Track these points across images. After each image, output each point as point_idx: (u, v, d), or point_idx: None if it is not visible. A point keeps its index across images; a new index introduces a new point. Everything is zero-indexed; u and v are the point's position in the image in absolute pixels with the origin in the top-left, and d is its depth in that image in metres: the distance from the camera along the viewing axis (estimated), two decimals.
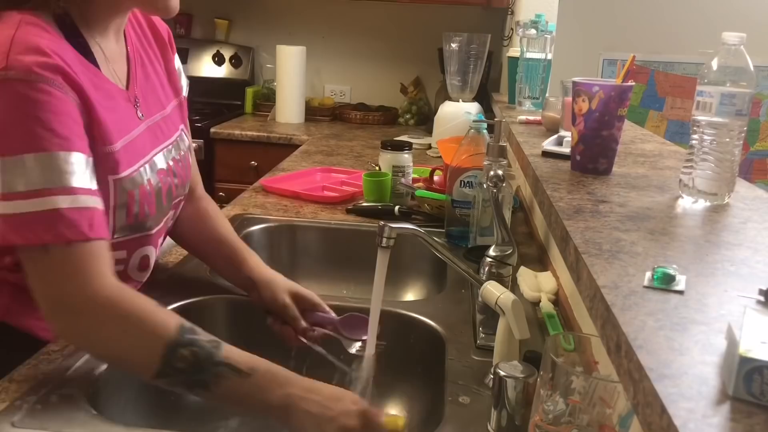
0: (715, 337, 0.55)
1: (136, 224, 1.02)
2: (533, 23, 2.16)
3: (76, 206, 0.85)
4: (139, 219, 1.02)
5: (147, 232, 1.05)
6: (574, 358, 0.73)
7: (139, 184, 1.01)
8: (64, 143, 0.86)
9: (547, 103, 1.70)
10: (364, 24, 3.40)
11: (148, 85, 1.11)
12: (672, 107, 3.35)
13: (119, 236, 1.00)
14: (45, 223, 0.83)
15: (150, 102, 1.10)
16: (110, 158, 0.95)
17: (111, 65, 1.02)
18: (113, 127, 0.96)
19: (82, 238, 0.85)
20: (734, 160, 0.94)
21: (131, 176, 0.99)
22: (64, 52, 0.90)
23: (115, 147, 0.96)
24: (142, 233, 1.04)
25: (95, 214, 0.88)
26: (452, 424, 0.87)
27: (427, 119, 3.20)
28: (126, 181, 0.98)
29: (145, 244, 1.07)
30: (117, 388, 0.98)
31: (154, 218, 1.05)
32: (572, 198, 0.96)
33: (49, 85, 0.85)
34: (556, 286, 1.25)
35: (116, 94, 1.01)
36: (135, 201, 1.00)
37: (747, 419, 0.45)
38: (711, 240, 0.81)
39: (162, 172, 1.08)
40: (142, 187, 1.01)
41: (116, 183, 0.96)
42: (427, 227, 1.53)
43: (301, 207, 1.78)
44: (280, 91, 3.18)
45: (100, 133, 0.93)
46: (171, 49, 1.19)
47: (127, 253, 1.04)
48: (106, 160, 0.94)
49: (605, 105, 1.07)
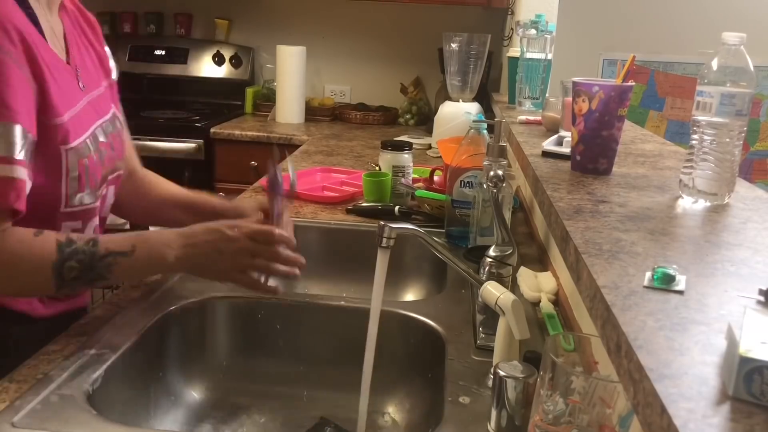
0: (715, 337, 0.55)
1: (89, 192, 1.07)
2: (533, 23, 2.15)
3: (10, 176, 0.91)
4: (90, 187, 1.07)
5: (93, 203, 1.10)
6: (574, 358, 0.73)
7: (86, 154, 1.06)
8: (9, 114, 0.91)
9: (547, 103, 1.70)
10: (364, 24, 3.40)
11: (83, 62, 1.15)
12: (672, 107, 3.35)
13: (74, 207, 1.06)
14: None
15: (88, 77, 1.14)
16: (60, 129, 1.00)
17: (54, 39, 1.07)
18: (60, 99, 1.01)
19: (6, 207, 0.92)
20: (734, 160, 0.94)
21: (80, 146, 1.04)
22: (22, 22, 0.96)
23: (63, 119, 1.01)
24: (91, 203, 1.09)
25: (22, 186, 0.93)
26: (452, 424, 0.87)
27: (427, 119, 3.20)
28: (77, 150, 1.03)
29: (93, 216, 1.12)
30: (117, 388, 0.98)
31: (99, 186, 1.11)
32: (572, 198, 0.96)
33: (8, 56, 0.91)
34: (556, 286, 1.25)
35: (61, 67, 1.05)
36: (85, 170, 1.05)
37: (747, 419, 0.45)
38: (711, 240, 0.81)
39: (103, 144, 1.12)
40: (90, 156, 1.06)
41: (68, 153, 1.02)
42: (427, 227, 1.53)
43: (301, 207, 1.78)
44: (280, 91, 3.18)
45: (50, 105, 0.98)
46: (100, 35, 1.25)
47: (81, 223, 1.09)
48: (56, 131, 1.00)
49: (605, 105, 1.07)
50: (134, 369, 1.03)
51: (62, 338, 1.01)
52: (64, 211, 1.04)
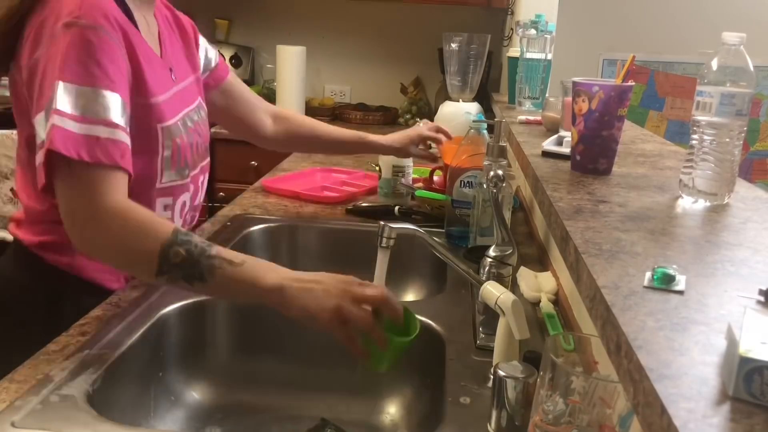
0: (715, 337, 0.55)
1: (178, 170, 1.18)
2: (533, 23, 2.15)
3: (112, 138, 0.99)
4: (181, 165, 1.18)
5: (183, 181, 1.21)
6: (574, 358, 0.73)
7: (180, 134, 1.17)
8: (112, 85, 1.01)
9: (547, 103, 1.70)
10: (364, 24, 3.40)
11: (174, 56, 1.27)
12: (672, 107, 3.35)
13: (167, 182, 1.17)
14: (86, 144, 0.97)
15: (179, 70, 1.27)
16: (155, 108, 1.12)
17: (149, 36, 1.18)
18: (154, 82, 1.12)
19: (111, 163, 0.98)
20: (734, 160, 0.94)
21: (175, 125, 1.16)
22: (120, 17, 1.07)
23: (158, 99, 1.13)
24: (179, 181, 1.19)
25: (126, 148, 1.01)
26: (452, 425, 0.87)
27: (427, 119, 3.20)
28: (171, 128, 1.15)
29: (183, 192, 1.22)
30: (117, 388, 0.98)
31: (187, 168, 1.21)
32: (572, 198, 0.96)
33: (109, 36, 1.02)
34: (556, 286, 1.25)
35: (154, 58, 1.17)
36: (178, 148, 1.16)
37: (747, 419, 0.45)
38: (711, 240, 0.81)
39: (191, 129, 1.23)
40: (181, 136, 1.18)
41: (163, 131, 1.14)
42: (427, 227, 1.53)
43: (301, 207, 1.78)
44: (280, 91, 3.18)
45: (145, 87, 1.10)
46: (195, 34, 1.38)
47: (173, 199, 1.20)
48: (151, 110, 1.11)
49: (605, 105, 1.07)
50: (134, 369, 1.03)
51: (62, 338, 1.01)
52: (158, 186, 1.15)
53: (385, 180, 1.84)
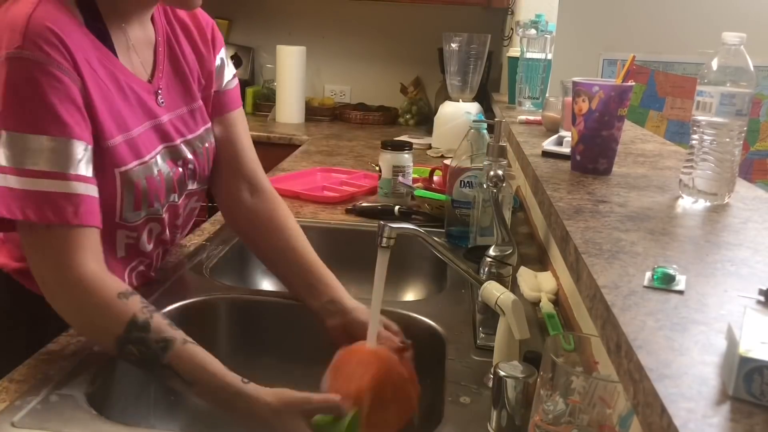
0: (715, 337, 0.55)
1: (144, 210, 1.05)
2: (533, 23, 2.15)
3: (65, 191, 0.89)
4: (147, 206, 1.05)
5: (155, 215, 1.08)
6: (574, 358, 0.73)
7: (147, 175, 1.03)
8: (65, 129, 0.89)
9: (547, 103, 1.70)
10: (364, 24, 3.40)
11: (176, 76, 1.11)
12: (672, 107, 3.35)
13: (130, 220, 1.04)
14: (33, 203, 0.87)
15: (176, 93, 1.11)
16: (110, 152, 0.97)
17: (133, 54, 1.04)
18: (116, 120, 0.98)
19: (64, 222, 0.88)
20: (734, 160, 0.94)
21: (137, 168, 1.01)
22: (78, 37, 0.92)
23: (115, 141, 0.97)
24: (150, 216, 1.07)
25: (84, 200, 0.91)
26: (452, 424, 0.87)
27: (427, 119, 3.20)
28: (131, 173, 1.00)
29: (147, 225, 1.08)
30: (117, 388, 0.98)
31: (162, 204, 1.08)
32: (572, 198, 0.96)
33: (59, 69, 0.89)
34: (556, 286, 1.25)
35: (132, 84, 1.02)
36: (142, 191, 1.02)
37: (747, 419, 0.45)
38: (711, 240, 0.81)
39: (177, 162, 1.10)
40: (150, 178, 1.03)
41: (122, 175, 0.99)
42: (427, 227, 1.53)
43: (301, 207, 1.78)
44: (280, 91, 3.18)
45: (98, 128, 0.95)
46: (213, 44, 1.18)
47: (137, 233, 1.07)
48: (106, 153, 0.96)
49: (605, 105, 1.07)
50: (134, 369, 1.02)
51: (62, 338, 1.01)
52: (119, 222, 1.02)
53: (385, 180, 1.84)
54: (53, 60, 0.88)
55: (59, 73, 0.89)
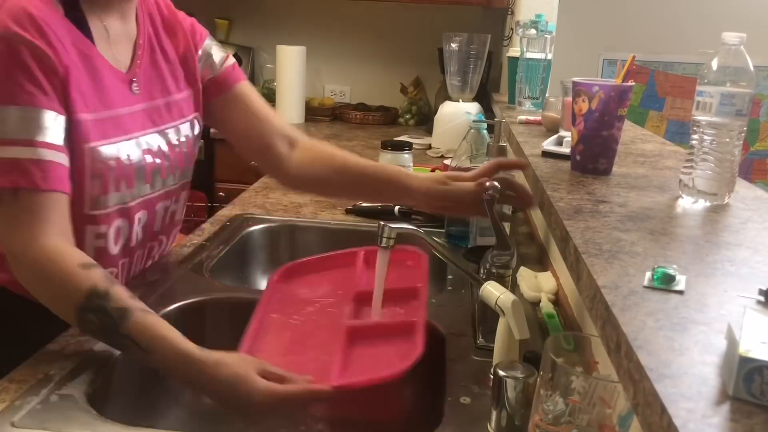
0: (715, 337, 0.55)
1: (112, 197, 1.05)
2: (533, 23, 2.15)
3: (33, 158, 0.92)
4: (115, 189, 1.06)
5: (124, 207, 1.09)
6: (574, 358, 0.73)
7: (116, 157, 1.04)
8: (33, 99, 0.93)
9: (547, 103, 1.70)
10: (364, 24, 3.40)
11: (154, 70, 1.14)
12: (672, 107, 3.35)
13: (97, 210, 1.04)
14: (2, 170, 0.91)
15: (152, 85, 1.13)
16: (78, 126, 0.99)
17: (112, 46, 1.07)
18: (90, 98, 1.00)
19: (33, 187, 0.91)
20: (734, 160, 0.94)
21: (105, 147, 1.03)
22: (53, 20, 0.96)
23: (86, 116, 1.00)
24: (117, 205, 1.07)
25: (53, 166, 0.93)
26: (452, 424, 0.87)
27: (427, 119, 3.20)
28: (100, 150, 1.02)
29: (115, 220, 1.08)
30: (117, 388, 0.98)
31: (130, 193, 1.09)
32: (572, 198, 0.96)
33: (29, 46, 0.93)
34: (556, 286, 1.25)
35: (105, 71, 1.04)
36: (111, 171, 1.04)
37: (747, 419, 0.45)
38: (711, 240, 0.81)
39: (150, 151, 1.11)
40: (118, 160, 1.05)
41: (90, 152, 1.01)
42: (427, 227, 1.53)
43: (301, 207, 1.78)
44: (280, 91, 3.18)
45: (72, 102, 0.98)
46: (194, 40, 1.22)
47: (105, 227, 1.07)
48: (77, 127, 0.99)
49: (605, 105, 1.07)
50: (134, 369, 1.03)
51: (62, 338, 1.01)
52: (87, 213, 1.03)
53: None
54: (24, 37, 0.92)
55: (30, 49, 0.92)
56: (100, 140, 1.02)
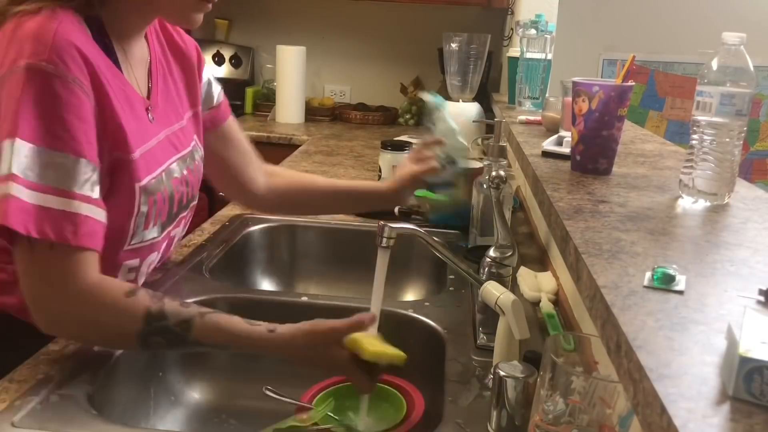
0: (715, 337, 0.55)
1: (151, 230, 1.05)
2: (533, 23, 2.15)
3: (66, 210, 0.87)
4: (155, 225, 1.05)
5: (154, 239, 1.07)
6: (574, 358, 0.73)
7: (157, 191, 1.03)
8: (77, 147, 0.88)
9: (547, 103, 1.70)
10: (364, 24, 3.40)
11: (167, 95, 1.13)
12: (672, 107, 3.35)
13: (136, 244, 1.03)
14: (35, 217, 0.85)
15: (167, 111, 1.11)
16: (132, 165, 0.97)
17: (133, 71, 1.04)
18: (133, 134, 0.98)
19: (63, 241, 0.86)
20: (734, 160, 0.94)
21: (151, 183, 1.01)
22: (95, 55, 0.93)
23: (136, 155, 0.98)
24: (151, 240, 1.06)
25: (85, 221, 0.88)
26: (452, 424, 0.87)
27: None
28: (148, 187, 1.01)
29: (152, 252, 1.09)
30: (117, 388, 0.98)
31: (163, 225, 1.08)
32: (572, 198, 0.96)
33: (78, 87, 0.89)
34: (556, 286, 1.25)
35: (136, 101, 1.02)
36: (154, 206, 1.03)
37: (747, 419, 0.45)
38: (711, 240, 0.81)
39: (176, 180, 1.10)
40: (159, 194, 1.03)
41: (141, 190, 0.99)
42: (426, 227, 1.53)
43: None
44: (280, 91, 3.18)
45: (123, 141, 0.95)
46: (198, 64, 1.22)
47: (140, 260, 1.06)
48: (128, 167, 0.97)
49: (605, 105, 1.07)
50: (134, 369, 1.03)
51: (62, 338, 1.01)
52: (127, 248, 1.01)
53: (385, 180, 1.84)
54: (75, 77, 0.88)
55: (79, 90, 0.88)
56: (147, 176, 1.00)
